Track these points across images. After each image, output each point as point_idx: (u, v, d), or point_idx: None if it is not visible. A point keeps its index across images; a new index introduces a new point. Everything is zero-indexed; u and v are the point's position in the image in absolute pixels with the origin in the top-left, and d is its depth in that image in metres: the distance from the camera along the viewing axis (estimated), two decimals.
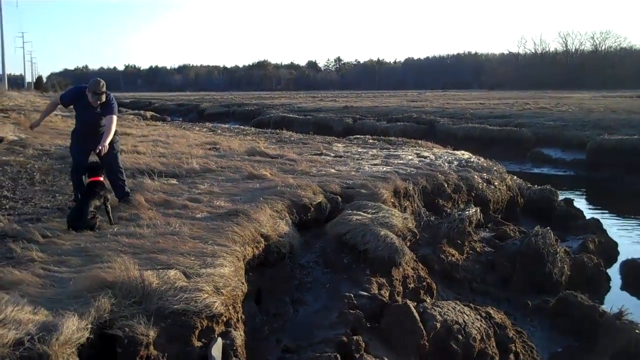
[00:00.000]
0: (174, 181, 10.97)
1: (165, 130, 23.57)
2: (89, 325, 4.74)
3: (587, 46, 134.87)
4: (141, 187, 9.93)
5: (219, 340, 5.57)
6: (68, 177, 10.92)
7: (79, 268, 6.03)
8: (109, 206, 8.16)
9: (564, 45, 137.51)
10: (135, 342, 4.86)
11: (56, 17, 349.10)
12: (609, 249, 13.58)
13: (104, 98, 8.70)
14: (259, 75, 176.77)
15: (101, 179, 8.32)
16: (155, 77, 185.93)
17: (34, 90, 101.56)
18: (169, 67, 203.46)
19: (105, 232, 7.44)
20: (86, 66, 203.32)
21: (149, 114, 47.57)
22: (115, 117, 8.87)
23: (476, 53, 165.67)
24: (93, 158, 9.00)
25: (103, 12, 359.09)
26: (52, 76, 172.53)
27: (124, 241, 6.92)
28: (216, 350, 5.45)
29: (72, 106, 9.13)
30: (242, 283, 6.47)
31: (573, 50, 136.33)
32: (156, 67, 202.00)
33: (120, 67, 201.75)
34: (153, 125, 28.25)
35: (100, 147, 8.44)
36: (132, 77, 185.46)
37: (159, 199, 9.24)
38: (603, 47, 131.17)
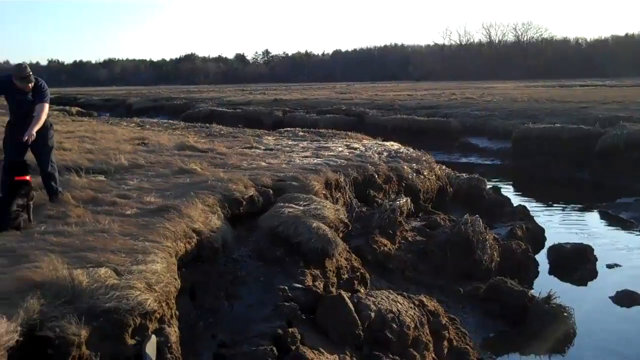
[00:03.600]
0: (102, 177, 10.73)
1: (92, 126, 23.05)
2: (18, 328, 4.61)
3: (510, 37, 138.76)
4: (68, 185, 9.67)
5: (153, 337, 5.50)
6: None
7: (5, 269, 5.83)
8: (31, 205, 7.92)
9: (488, 37, 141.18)
10: (66, 343, 4.75)
11: None
12: (536, 235, 13.97)
13: (32, 80, 8.31)
14: (187, 69, 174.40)
15: (27, 178, 8.05)
16: (80, 72, 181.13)
17: None
18: (93, 62, 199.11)
19: (32, 232, 7.22)
20: (7, 61, 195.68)
21: (74, 109, 46.60)
22: (46, 105, 8.43)
23: (402, 45, 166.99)
24: (29, 156, 8.67)
25: (21, 7, 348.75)
26: None
27: (52, 240, 6.75)
28: (150, 347, 5.38)
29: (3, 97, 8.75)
30: (175, 279, 6.40)
31: (497, 41, 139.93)
32: (80, 61, 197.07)
33: (44, 62, 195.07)
34: (79, 121, 27.58)
35: (26, 136, 7.99)
36: (56, 73, 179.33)
37: (87, 196, 9.03)
38: (525, 38, 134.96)
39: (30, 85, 8.33)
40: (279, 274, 8.28)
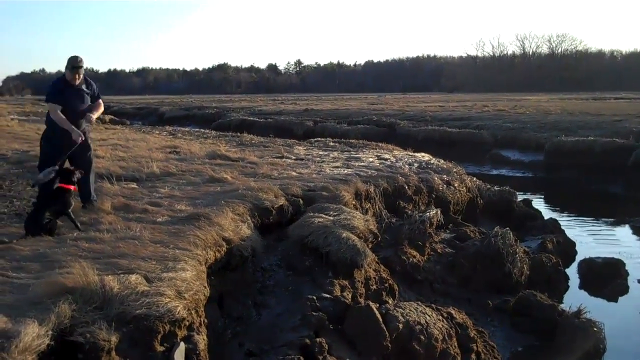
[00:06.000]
0: (134, 185, 10.85)
1: (125, 134, 23.33)
2: (50, 332, 4.67)
3: (544, 49, 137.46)
4: (101, 192, 9.78)
5: (182, 344, 5.53)
6: (25, 182, 10.75)
7: (38, 274, 5.93)
8: (72, 213, 7.96)
9: (522, 48, 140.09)
10: (96, 348, 4.80)
11: (9, 19, 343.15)
12: (567, 249, 13.80)
13: (82, 73, 8.67)
14: (219, 79, 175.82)
15: (72, 187, 8.07)
16: (114, 81, 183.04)
17: None
18: (127, 71, 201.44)
19: (64, 237, 7.32)
20: (43, 69, 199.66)
21: (107, 117, 47.10)
22: (102, 102, 9.22)
23: (435, 56, 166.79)
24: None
25: (58, 14, 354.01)
26: (8, 80, 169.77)
27: (84, 246, 6.83)
28: (179, 354, 5.41)
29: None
30: (205, 287, 6.43)
31: (530, 53, 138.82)
32: (114, 70, 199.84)
33: None
34: (112, 129, 27.96)
35: (91, 116, 8.66)
36: None
37: (119, 203, 9.12)
38: (559, 50, 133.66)
39: (77, 77, 8.63)
40: (307, 284, 8.29)
